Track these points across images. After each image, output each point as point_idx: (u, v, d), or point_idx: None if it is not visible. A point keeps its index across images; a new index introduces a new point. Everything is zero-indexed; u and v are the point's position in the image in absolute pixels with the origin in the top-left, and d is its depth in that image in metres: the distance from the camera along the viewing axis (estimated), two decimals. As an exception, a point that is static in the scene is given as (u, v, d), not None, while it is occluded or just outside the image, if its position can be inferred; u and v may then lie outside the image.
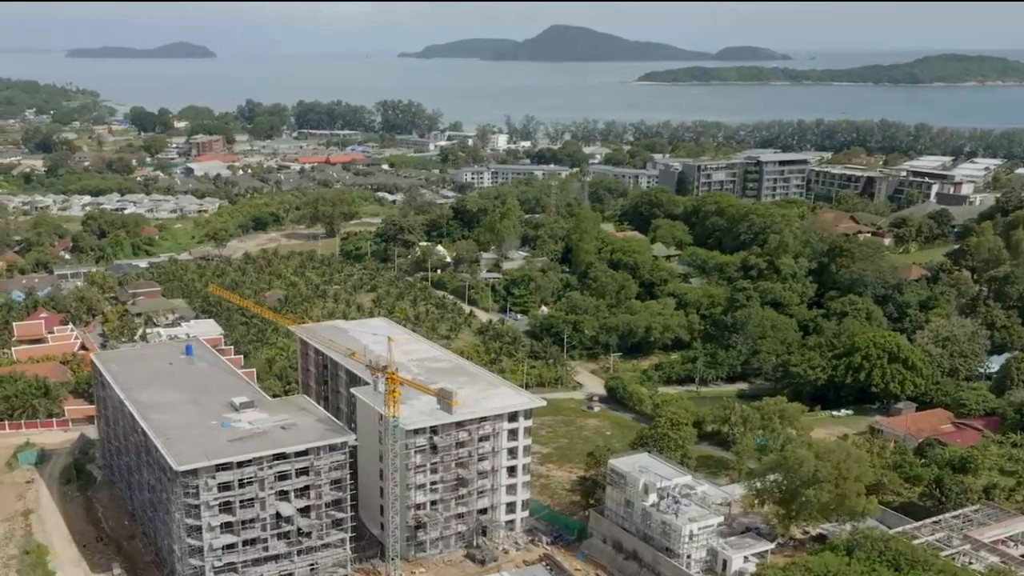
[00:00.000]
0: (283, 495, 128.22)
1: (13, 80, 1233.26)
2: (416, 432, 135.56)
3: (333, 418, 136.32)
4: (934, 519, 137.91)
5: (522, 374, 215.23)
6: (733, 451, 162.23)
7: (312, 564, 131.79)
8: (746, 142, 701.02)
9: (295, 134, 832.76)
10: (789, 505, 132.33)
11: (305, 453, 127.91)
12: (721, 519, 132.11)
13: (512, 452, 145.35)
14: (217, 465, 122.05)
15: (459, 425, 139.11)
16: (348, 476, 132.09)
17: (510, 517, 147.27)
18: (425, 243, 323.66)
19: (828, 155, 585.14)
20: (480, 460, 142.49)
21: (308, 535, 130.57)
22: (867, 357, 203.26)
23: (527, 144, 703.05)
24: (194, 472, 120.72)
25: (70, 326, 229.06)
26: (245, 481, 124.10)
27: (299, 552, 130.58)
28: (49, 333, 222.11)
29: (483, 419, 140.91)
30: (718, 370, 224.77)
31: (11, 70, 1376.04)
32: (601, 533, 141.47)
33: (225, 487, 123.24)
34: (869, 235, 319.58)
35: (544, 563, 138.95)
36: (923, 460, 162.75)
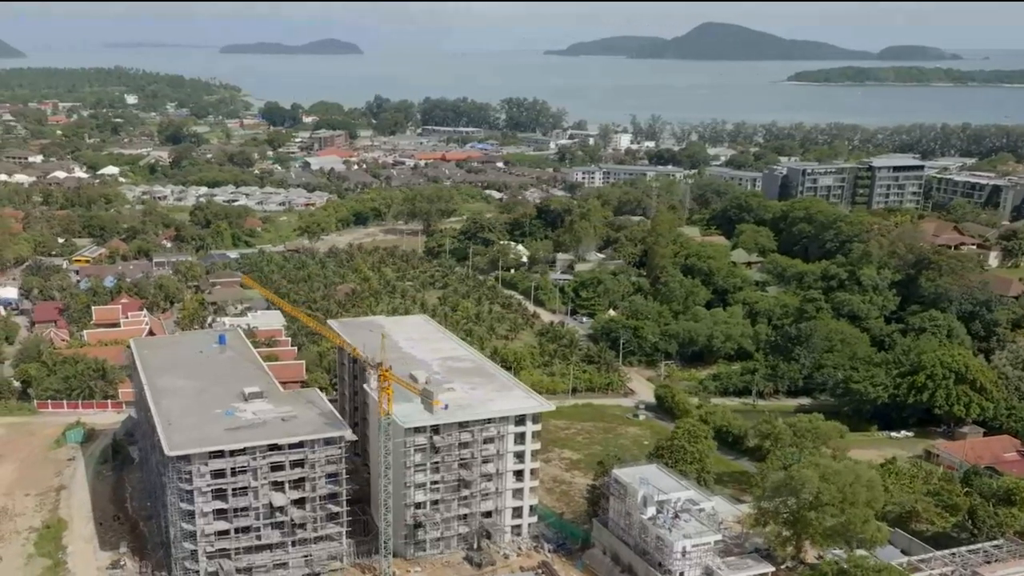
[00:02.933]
0: (278, 486, 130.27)
1: (161, 75, 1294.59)
2: (416, 431, 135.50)
3: (336, 413, 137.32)
4: (951, 551, 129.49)
5: (571, 378, 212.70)
6: (757, 468, 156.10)
7: (306, 555, 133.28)
8: (883, 146, 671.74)
9: (419, 130, 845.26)
10: (793, 527, 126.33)
11: (300, 445, 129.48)
12: (719, 537, 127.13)
13: (519, 456, 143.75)
14: (210, 452, 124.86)
15: (462, 426, 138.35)
16: (344, 471, 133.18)
17: (516, 522, 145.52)
18: (505, 242, 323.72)
19: (970, 161, 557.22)
20: (484, 462, 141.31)
21: (302, 527, 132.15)
22: (932, 377, 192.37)
23: (651, 144, 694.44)
24: (187, 457, 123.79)
25: (144, 312, 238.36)
26: (238, 469, 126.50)
27: (293, 543, 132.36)
28: (124, 318, 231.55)
29: (488, 421, 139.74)
30: (778, 383, 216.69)
31: (165, 65, 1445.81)
32: (602, 544, 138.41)
33: (218, 474, 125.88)
34: (973, 247, 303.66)
35: (541, 571, 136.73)
36: (967, 488, 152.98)
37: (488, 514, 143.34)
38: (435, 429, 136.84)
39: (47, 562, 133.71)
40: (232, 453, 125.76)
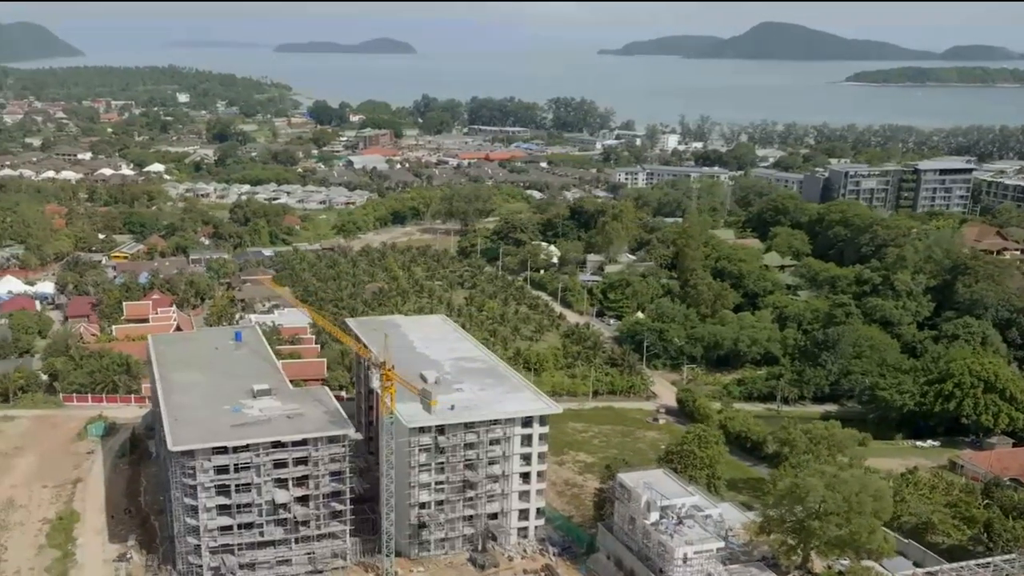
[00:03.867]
0: (282, 483, 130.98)
1: (214, 73, 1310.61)
2: (421, 430, 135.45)
3: (341, 412, 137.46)
4: (960, 564, 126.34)
5: (592, 380, 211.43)
6: (769, 475, 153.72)
7: (309, 553, 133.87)
8: (938, 148, 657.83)
9: (465, 130, 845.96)
10: (798, 536, 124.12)
11: (304, 443, 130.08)
12: (721, 544, 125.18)
13: (526, 458, 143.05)
14: (214, 448, 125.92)
15: (468, 426, 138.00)
16: (348, 469, 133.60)
17: (523, 524, 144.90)
18: (536, 242, 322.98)
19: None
20: (490, 464, 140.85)
21: (305, 524, 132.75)
22: (960, 385, 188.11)
23: (699, 145, 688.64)
24: (190, 453, 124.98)
25: (173, 309, 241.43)
26: (241, 465, 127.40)
27: (296, 540, 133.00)
28: (153, 314, 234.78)
29: (494, 422, 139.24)
30: (804, 389, 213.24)
31: (220, 64, 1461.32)
32: (606, 549, 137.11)
33: (221, 470, 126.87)
34: (1017, 253, 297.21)
35: (544, 574, 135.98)
36: (987, 500, 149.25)
37: (494, 516, 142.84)
38: (440, 429, 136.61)
39: (56, 553, 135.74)
40: (235, 449, 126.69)
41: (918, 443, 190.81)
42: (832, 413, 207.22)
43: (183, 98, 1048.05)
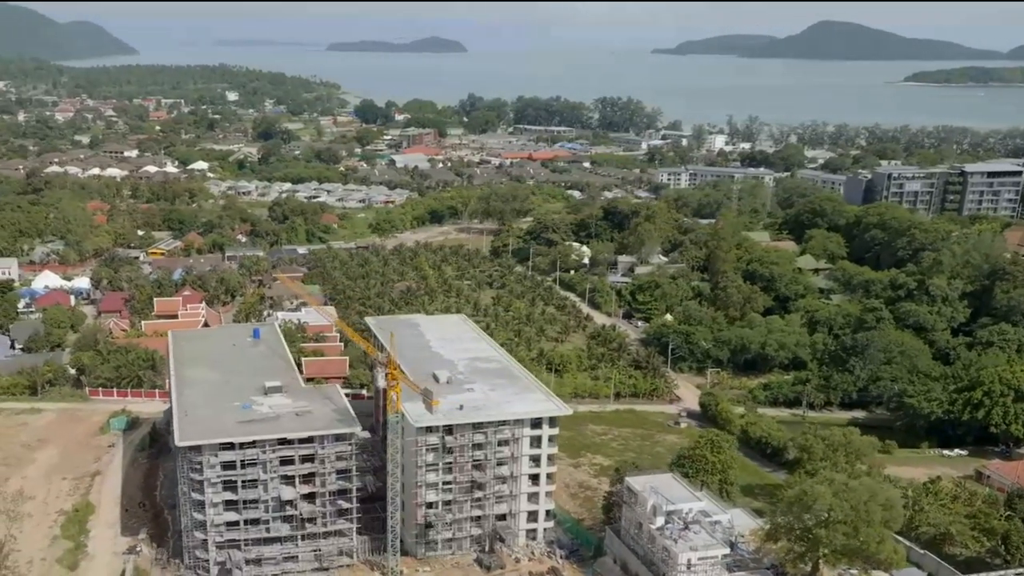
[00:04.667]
0: (289, 480, 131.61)
1: (264, 72, 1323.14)
2: (428, 430, 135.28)
3: (350, 410, 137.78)
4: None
5: (615, 382, 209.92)
6: (784, 482, 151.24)
7: (316, 550, 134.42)
8: (995, 150, 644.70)
9: (510, 129, 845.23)
10: (804, 544, 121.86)
11: (310, 440, 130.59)
12: (727, 551, 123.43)
13: (535, 459, 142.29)
14: (220, 444, 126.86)
15: (476, 427, 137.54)
16: (355, 467, 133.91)
17: (532, 526, 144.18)
18: (568, 243, 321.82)
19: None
20: (499, 464, 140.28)
21: (312, 521, 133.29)
22: (989, 393, 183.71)
23: (746, 146, 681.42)
24: (198, 448, 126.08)
25: (202, 305, 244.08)
26: (247, 462, 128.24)
27: (302, 537, 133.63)
28: (182, 311, 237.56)
29: (502, 422, 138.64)
30: (830, 395, 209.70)
31: (271, 63, 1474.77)
32: (613, 552, 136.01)
33: (228, 466, 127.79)
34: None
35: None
36: (1009, 512, 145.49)
37: (502, 517, 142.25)
38: (448, 429, 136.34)
39: (69, 544, 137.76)
40: (242, 446, 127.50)
41: (945, 452, 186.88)
42: (859, 420, 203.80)
43: (232, 96, 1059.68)
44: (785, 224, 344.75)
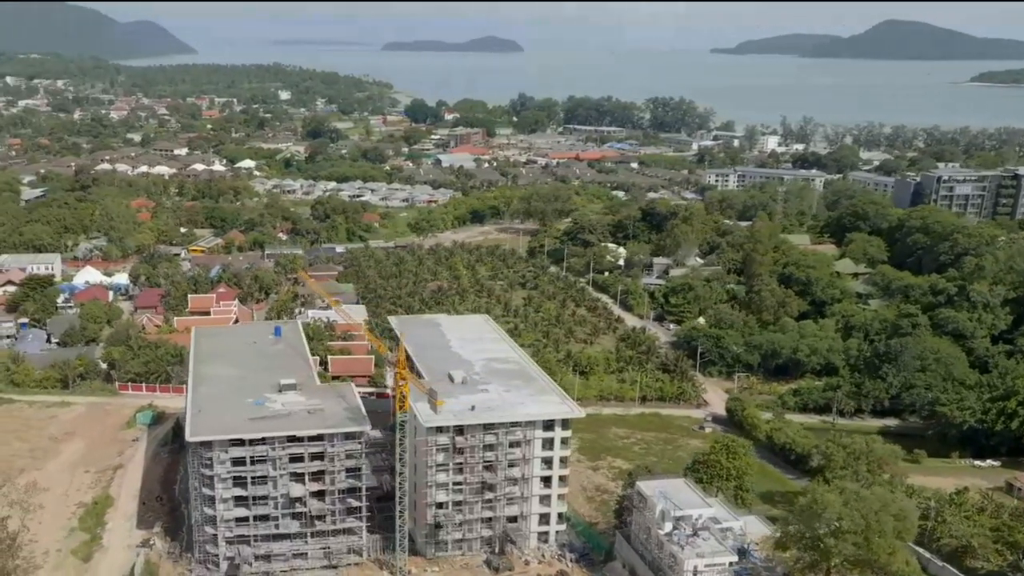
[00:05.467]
0: (298, 477, 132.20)
1: (317, 71, 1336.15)
2: (438, 430, 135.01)
3: (362, 409, 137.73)
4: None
5: (641, 385, 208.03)
6: (801, 489, 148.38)
7: (325, 547, 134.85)
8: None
9: (560, 129, 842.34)
10: (814, 553, 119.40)
11: (320, 438, 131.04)
12: (735, 558, 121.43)
13: (548, 462, 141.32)
14: (231, 440, 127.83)
15: (487, 427, 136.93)
16: (372, 466, 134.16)
17: (543, 528, 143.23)
18: (604, 244, 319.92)
19: None
20: (510, 466, 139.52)
21: (321, 518, 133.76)
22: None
23: (800, 147, 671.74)
24: (208, 444, 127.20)
25: (235, 302, 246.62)
26: (257, 458, 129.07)
27: (312, 534, 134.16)
28: (215, 307, 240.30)
29: (513, 424, 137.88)
30: (862, 402, 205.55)
31: (325, 62, 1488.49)
32: (622, 557, 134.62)
33: (238, 462, 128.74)
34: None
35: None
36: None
37: (513, 519, 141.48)
38: (459, 430, 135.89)
39: (85, 536, 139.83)
40: (251, 442, 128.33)
41: (976, 462, 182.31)
42: (891, 428, 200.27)
43: (284, 96, 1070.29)
44: (827, 227, 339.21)
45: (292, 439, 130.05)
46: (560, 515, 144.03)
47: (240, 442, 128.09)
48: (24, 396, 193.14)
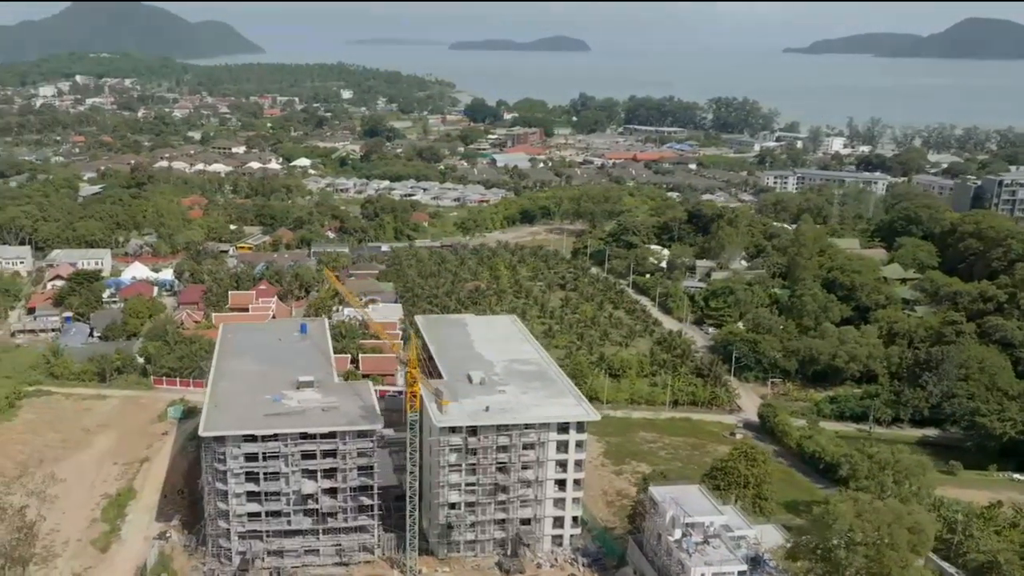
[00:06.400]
0: (311, 474, 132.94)
1: (380, 71, 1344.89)
2: (452, 430, 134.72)
3: (376, 407, 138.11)
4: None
5: (673, 389, 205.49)
6: (823, 499, 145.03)
7: (337, 544, 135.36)
8: None
9: (620, 129, 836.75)
10: (824, 565, 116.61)
11: (332, 436, 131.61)
12: (744, 567, 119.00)
13: (563, 464, 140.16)
14: (244, 436, 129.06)
15: (500, 429, 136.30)
16: (392, 465, 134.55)
17: (557, 532, 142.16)
18: (647, 246, 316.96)
19: None
20: (524, 468, 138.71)
21: (333, 516, 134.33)
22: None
23: (866, 149, 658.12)
24: (221, 439, 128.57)
25: (274, 300, 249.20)
26: (269, 454, 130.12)
27: (324, 531, 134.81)
28: (254, 304, 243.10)
29: (527, 426, 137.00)
30: (900, 411, 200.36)
31: (391, 61, 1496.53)
32: (634, 563, 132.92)
33: (251, 458, 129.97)
34: None
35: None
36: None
37: (527, 521, 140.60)
38: (472, 430, 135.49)
39: (105, 527, 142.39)
40: (264, 438, 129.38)
41: (1016, 476, 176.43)
42: (930, 438, 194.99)
43: (346, 95, 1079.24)
44: (878, 231, 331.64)
45: (304, 436, 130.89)
46: (575, 519, 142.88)
47: (252, 438, 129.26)
48: (62, 388, 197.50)
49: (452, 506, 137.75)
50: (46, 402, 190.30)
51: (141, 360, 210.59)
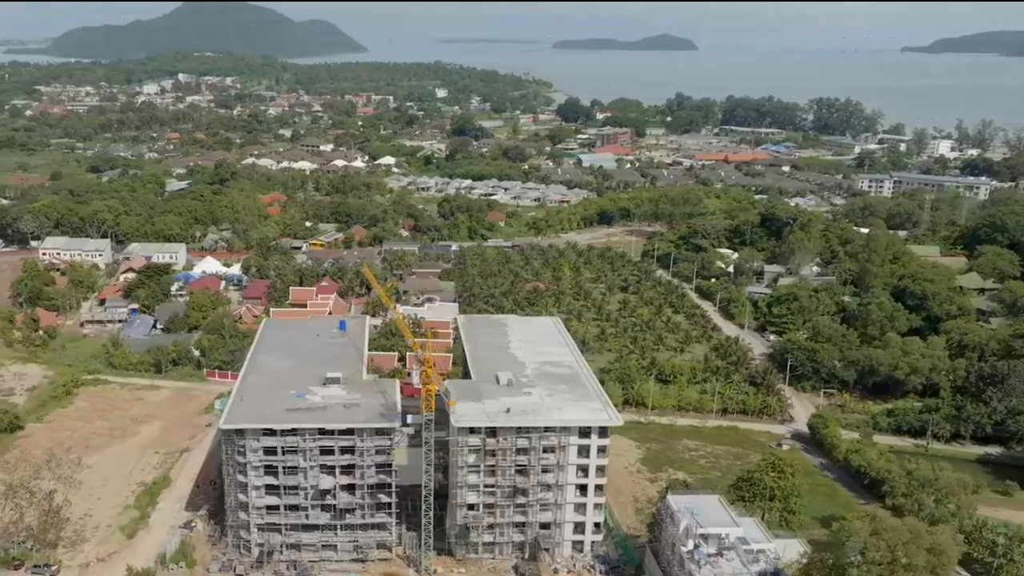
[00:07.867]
0: (329, 470, 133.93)
1: (477, 69, 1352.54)
2: (470, 431, 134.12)
3: (397, 405, 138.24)
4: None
5: (723, 397, 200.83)
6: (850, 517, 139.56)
7: (354, 540, 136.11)
8: None
9: (715, 130, 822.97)
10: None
11: (350, 432, 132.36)
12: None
13: (584, 469, 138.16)
14: (264, 429, 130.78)
15: (519, 431, 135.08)
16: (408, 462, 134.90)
17: (578, 537, 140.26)
18: (717, 249, 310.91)
19: None
20: (544, 472, 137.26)
21: (351, 511, 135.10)
22: None
23: (974, 152, 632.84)
24: (241, 432, 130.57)
25: (333, 296, 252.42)
26: (288, 449, 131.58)
27: (341, 527, 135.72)
28: (312, 300, 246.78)
29: (547, 429, 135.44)
30: (961, 427, 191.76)
31: (488, 60, 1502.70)
32: (650, 571, 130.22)
33: (270, 451, 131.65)
34: None
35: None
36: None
37: (546, 526, 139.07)
38: (491, 431, 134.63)
39: (136, 514, 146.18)
40: (283, 433, 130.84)
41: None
42: (992, 456, 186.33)
43: (441, 94, 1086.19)
44: (961, 239, 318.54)
45: (323, 432, 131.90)
46: (597, 525, 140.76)
47: (272, 432, 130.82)
48: (118, 378, 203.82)
49: (470, 507, 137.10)
50: (101, 391, 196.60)
51: (196, 353, 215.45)
